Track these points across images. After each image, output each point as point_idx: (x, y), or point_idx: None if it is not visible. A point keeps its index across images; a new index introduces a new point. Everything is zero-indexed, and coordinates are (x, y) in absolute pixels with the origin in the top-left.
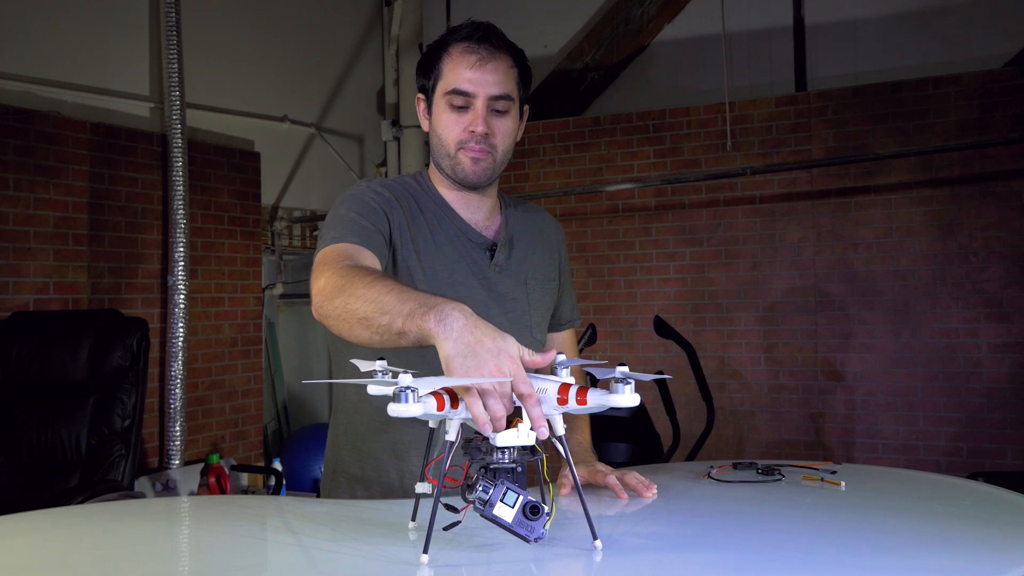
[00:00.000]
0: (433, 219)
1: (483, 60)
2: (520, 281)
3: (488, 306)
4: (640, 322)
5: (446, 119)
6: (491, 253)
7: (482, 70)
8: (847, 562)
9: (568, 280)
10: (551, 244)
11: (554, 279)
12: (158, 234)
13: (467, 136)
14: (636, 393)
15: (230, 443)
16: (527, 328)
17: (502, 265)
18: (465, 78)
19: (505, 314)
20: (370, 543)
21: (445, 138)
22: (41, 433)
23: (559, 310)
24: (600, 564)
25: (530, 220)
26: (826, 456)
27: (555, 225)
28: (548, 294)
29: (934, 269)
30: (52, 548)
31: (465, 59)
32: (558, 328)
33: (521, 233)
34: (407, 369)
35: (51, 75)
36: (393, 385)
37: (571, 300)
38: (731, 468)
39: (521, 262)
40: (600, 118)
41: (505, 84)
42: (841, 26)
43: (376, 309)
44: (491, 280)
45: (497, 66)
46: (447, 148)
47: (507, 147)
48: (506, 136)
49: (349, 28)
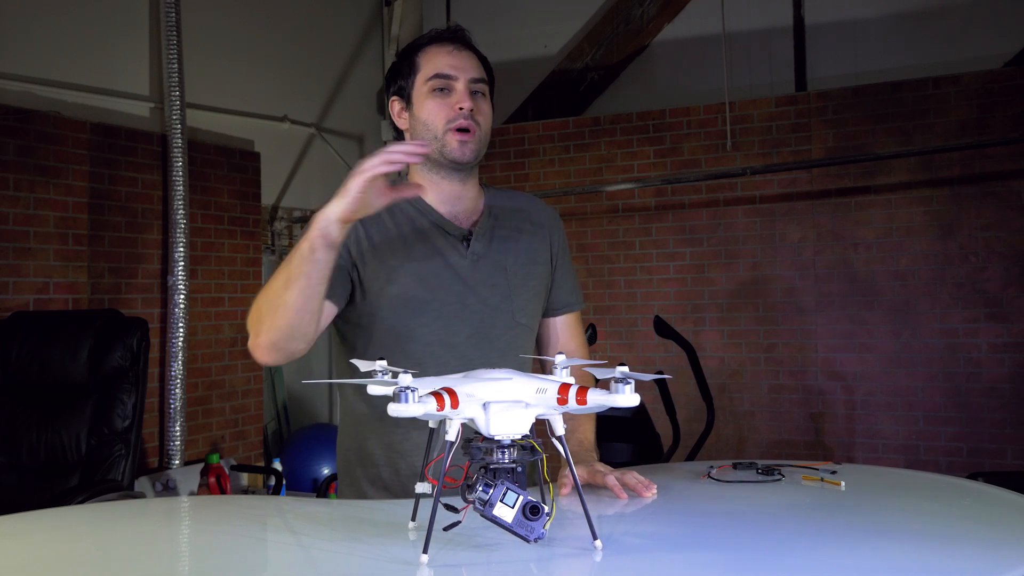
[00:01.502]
0: (405, 219)
1: (458, 49)
2: (499, 268)
3: (463, 296)
4: (640, 322)
5: (431, 104)
6: (467, 243)
7: (459, 56)
8: (847, 562)
9: (565, 263)
10: (541, 227)
11: (543, 263)
12: (158, 234)
13: (454, 113)
14: (636, 393)
15: (230, 443)
16: (508, 313)
17: (479, 253)
18: (445, 63)
19: (482, 302)
20: (370, 543)
21: (432, 122)
22: (41, 433)
23: (555, 294)
24: (600, 564)
25: (516, 206)
26: (826, 456)
27: (546, 210)
28: (534, 277)
29: (934, 269)
30: (52, 548)
31: (441, 49)
32: (556, 312)
33: (504, 219)
34: (407, 369)
35: (51, 75)
36: (393, 385)
37: (570, 283)
38: (731, 468)
39: (501, 249)
40: (600, 118)
41: (479, 71)
42: (841, 26)
43: (283, 275)
44: (467, 270)
45: (470, 55)
46: (435, 131)
47: (487, 128)
48: (487, 116)
49: (349, 28)
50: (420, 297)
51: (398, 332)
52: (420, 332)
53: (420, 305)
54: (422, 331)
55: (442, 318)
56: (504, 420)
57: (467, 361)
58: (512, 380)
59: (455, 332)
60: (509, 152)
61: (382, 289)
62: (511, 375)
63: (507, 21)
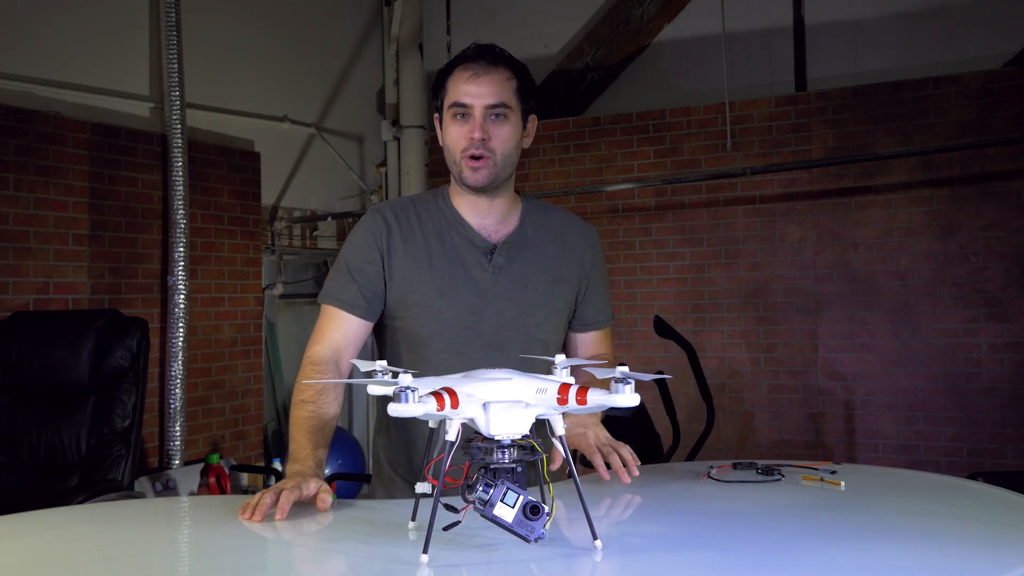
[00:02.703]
0: (434, 230)
1: (478, 74)
2: (521, 283)
3: (477, 308)
4: (640, 322)
5: (451, 130)
6: (491, 256)
7: (477, 83)
8: (847, 562)
9: (598, 282)
10: (573, 247)
11: (569, 280)
12: (158, 234)
13: (468, 143)
14: (636, 393)
15: (230, 443)
16: (523, 328)
17: (501, 267)
18: (463, 91)
19: (498, 315)
20: (370, 543)
21: (451, 147)
22: (41, 433)
23: (583, 312)
24: (600, 564)
25: (551, 223)
26: (826, 456)
27: (583, 229)
28: (557, 295)
29: (934, 269)
30: (52, 548)
31: (463, 75)
32: (584, 328)
33: (536, 235)
34: (407, 369)
35: (51, 75)
36: (393, 385)
37: (599, 303)
38: (731, 468)
39: (525, 264)
40: (600, 118)
41: (501, 94)
42: (841, 26)
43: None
44: (487, 283)
45: (493, 79)
46: (453, 156)
47: (507, 151)
48: (504, 141)
49: (349, 28)
50: (437, 307)
51: (414, 338)
52: (434, 340)
53: (436, 314)
54: (436, 339)
55: (457, 328)
56: (504, 420)
57: None
58: (512, 380)
59: (468, 342)
60: None
61: (403, 296)
62: (511, 375)
63: (507, 21)
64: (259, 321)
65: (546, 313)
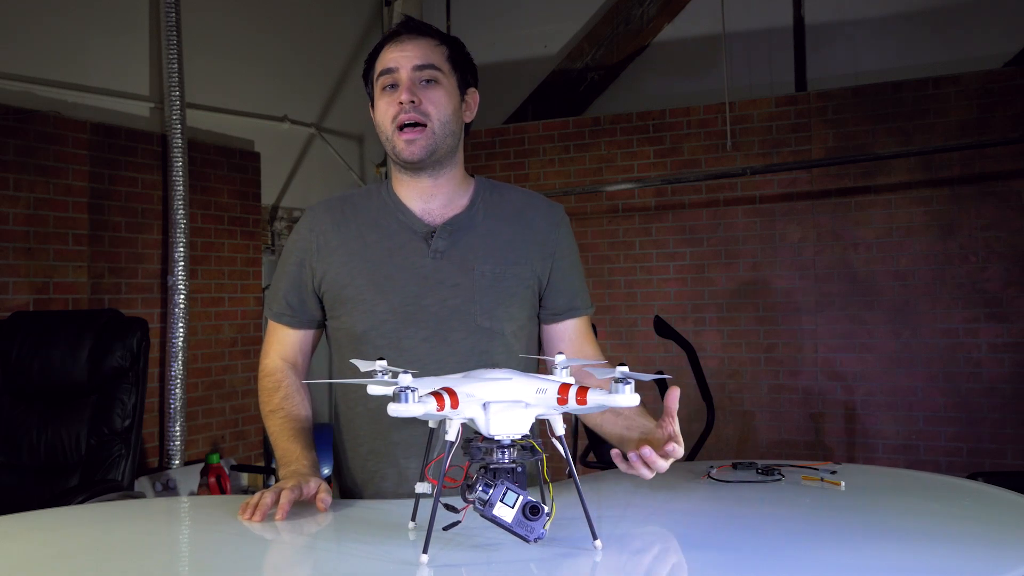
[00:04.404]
0: (370, 220)
1: (403, 41)
2: (465, 268)
3: (420, 296)
4: (640, 322)
5: (380, 104)
6: (431, 240)
7: (402, 48)
8: (847, 562)
9: (567, 265)
10: (533, 227)
11: (526, 263)
12: (158, 234)
13: (397, 108)
14: (636, 393)
15: (230, 443)
16: (469, 317)
17: (443, 251)
18: (388, 58)
19: (442, 302)
20: (370, 543)
21: (382, 122)
22: (41, 433)
23: (551, 299)
24: (600, 564)
25: (507, 202)
26: (826, 456)
27: (546, 208)
28: (509, 279)
29: (934, 269)
30: (52, 548)
31: (391, 46)
32: (557, 318)
33: (486, 216)
34: (407, 369)
35: (51, 75)
36: (393, 385)
37: (572, 287)
38: (731, 468)
39: (471, 246)
40: (600, 118)
41: (429, 56)
42: (841, 26)
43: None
44: (427, 269)
45: (419, 43)
46: (385, 131)
47: (443, 118)
48: (440, 106)
49: (349, 28)
50: (371, 300)
51: (352, 335)
52: (370, 335)
53: (370, 308)
54: (372, 334)
55: (393, 321)
56: (504, 420)
57: (422, 366)
58: (512, 380)
59: (408, 335)
60: (509, 152)
61: (338, 292)
62: (511, 375)
63: (507, 21)
64: (259, 321)
65: (496, 300)
